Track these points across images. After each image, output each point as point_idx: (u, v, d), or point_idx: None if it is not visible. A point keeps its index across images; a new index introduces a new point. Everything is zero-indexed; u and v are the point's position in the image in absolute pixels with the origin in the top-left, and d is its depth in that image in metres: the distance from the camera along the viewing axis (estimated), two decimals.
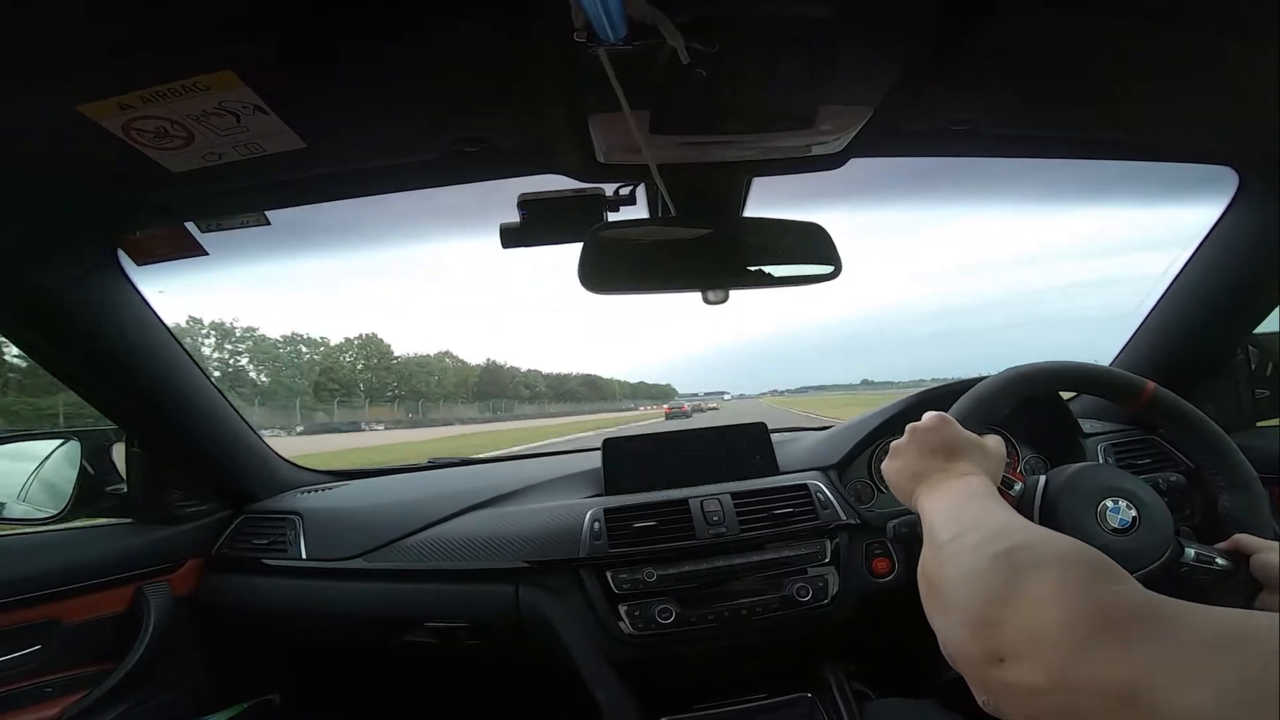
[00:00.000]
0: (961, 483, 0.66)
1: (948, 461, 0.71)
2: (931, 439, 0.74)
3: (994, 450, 0.76)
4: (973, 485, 0.65)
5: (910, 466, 0.74)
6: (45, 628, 1.13)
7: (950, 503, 0.63)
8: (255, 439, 1.49)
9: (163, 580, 1.29)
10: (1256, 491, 0.84)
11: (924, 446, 0.74)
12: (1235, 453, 0.86)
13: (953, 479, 0.68)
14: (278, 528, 1.37)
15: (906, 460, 0.75)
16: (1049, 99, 0.90)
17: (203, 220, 1.04)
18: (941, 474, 0.69)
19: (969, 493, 0.64)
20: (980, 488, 0.64)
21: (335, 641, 1.39)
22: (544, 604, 1.16)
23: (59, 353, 1.12)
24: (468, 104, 0.81)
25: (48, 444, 1.36)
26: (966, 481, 0.66)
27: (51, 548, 1.21)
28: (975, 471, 0.69)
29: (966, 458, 0.71)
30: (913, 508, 0.70)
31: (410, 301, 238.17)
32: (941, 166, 1.09)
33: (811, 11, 0.64)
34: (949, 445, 0.73)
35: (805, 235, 1.07)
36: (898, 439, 0.78)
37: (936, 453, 0.72)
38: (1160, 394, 0.87)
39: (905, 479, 0.73)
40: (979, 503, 0.61)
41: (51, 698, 1.13)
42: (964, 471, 0.69)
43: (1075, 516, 0.80)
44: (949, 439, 0.73)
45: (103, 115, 0.70)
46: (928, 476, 0.70)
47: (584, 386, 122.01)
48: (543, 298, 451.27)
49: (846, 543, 1.20)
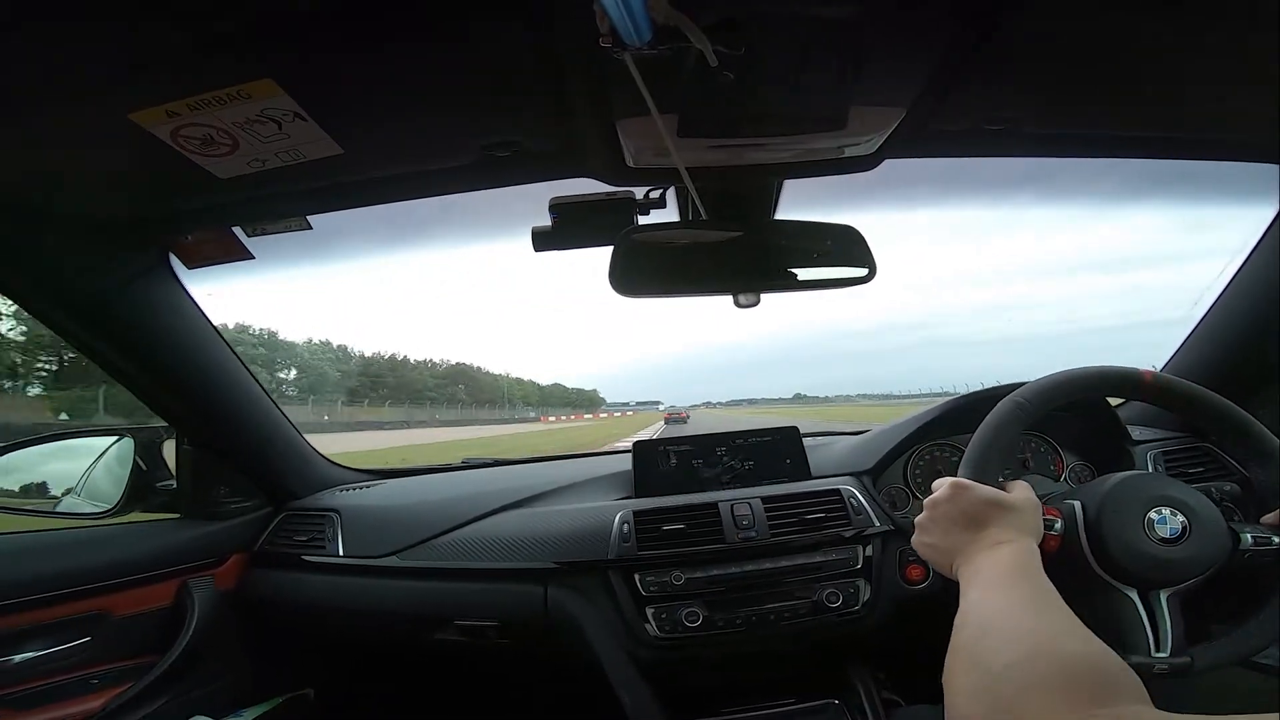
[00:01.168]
0: (994, 559, 0.65)
1: (976, 532, 0.70)
2: (952, 511, 0.73)
3: (1022, 502, 0.73)
4: (1003, 563, 0.64)
5: (941, 544, 0.73)
6: (95, 620, 1.17)
7: (979, 592, 0.63)
8: (297, 437, 1.53)
9: (208, 575, 1.33)
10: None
11: (947, 520, 0.73)
12: (1253, 424, 0.84)
13: (985, 551, 0.67)
14: (317, 525, 1.41)
15: (935, 538, 0.74)
16: (1085, 96, 0.88)
17: (248, 225, 1.08)
18: (974, 547, 0.68)
19: (998, 576, 0.63)
20: (1011, 565, 0.64)
21: (368, 638, 1.42)
22: (572, 605, 1.17)
23: (113, 353, 1.17)
24: (499, 109, 0.83)
25: (103, 440, 1.41)
26: (998, 557, 0.65)
27: (104, 542, 1.25)
28: (1008, 538, 0.68)
29: (995, 522, 0.70)
30: (955, 579, 0.69)
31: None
32: (951, 169, 1.06)
33: (837, 11, 0.64)
34: (971, 515, 0.71)
35: (839, 238, 1.06)
36: (922, 514, 0.77)
37: (962, 525, 0.71)
38: (1162, 378, 0.85)
39: (940, 556, 0.73)
40: (1005, 594, 0.61)
41: (97, 689, 1.16)
42: (996, 540, 0.68)
43: (1121, 530, 0.78)
44: (969, 508, 0.72)
45: (152, 123, 0.73)
46: (961, 551, 0.69)
47: (447, 381, 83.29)
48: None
49: (879, 549, 1.18)
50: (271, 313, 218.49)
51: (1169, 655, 0.74)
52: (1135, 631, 0.76)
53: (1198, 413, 0.87)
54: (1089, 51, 0.77)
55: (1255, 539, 0.78)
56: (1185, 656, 0.75)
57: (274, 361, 54.75)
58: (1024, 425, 0.83)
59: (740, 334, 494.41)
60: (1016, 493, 0.75)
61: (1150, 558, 0.77)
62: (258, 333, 55.02)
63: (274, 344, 56.90)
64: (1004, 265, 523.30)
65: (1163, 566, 0.77)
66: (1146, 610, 0.77)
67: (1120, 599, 0.77)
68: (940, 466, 1.33)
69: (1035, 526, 0.73)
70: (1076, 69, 0.80)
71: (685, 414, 44.51)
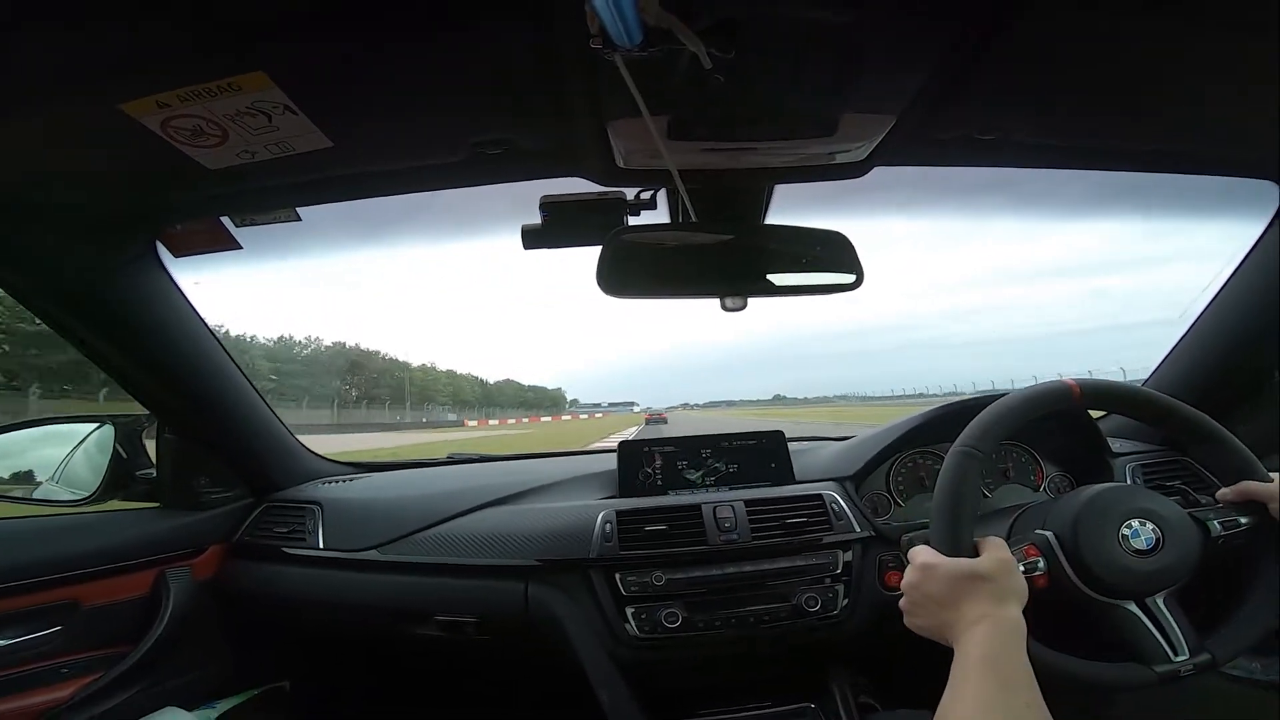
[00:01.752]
0: (971, 643, 0.66)
1: (955, 610, 0.70)
2: (928, 591, 0.74)
3: (994, 567, 0.72)
4: (977, 649, 0.65)
5: (929, 624, 0.74)
6: (67, 609, 1.16)
7: (953, 689, 0.64)
8: (281, 429, 1.53)
9: (185, 565, 1.32)
10: (1220, 436, 0.85)
11: (926, 600, 0.74)
12: (1182, 409, 0.87)
13: (966, 631, 0.67)
14: (298, 517, 1.40)
15: (922, 619, 0.75)
16: (1079, 109, 0.89)
17: (236, 215, 1.07)
18: (959, 626, 0.69)
19: (971, 665, 0.64)
20: (983, 653, 0.64)
21: (347, 631, 1.42)
22: (553, 602, 1.17)
23: (97, 339, 1.16)
24: (491, 107, 0.83)
25: (84, 427, 1.40)
26: (975, 639, 0.66)
27: (80, 530, 1.24)
28: (984, 612, 0.68)
29: (969, 597, 0.70)
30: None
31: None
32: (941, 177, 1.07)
33: (831, 17, 0.64)
34: (944, 593, 0.72)
35: (827, 244, 1.06)
36: (903, 599, 0.78)
37: (939, 604, 0.72)
38: (1087, 383, 0.87)
39: (934, 634, 0.73)
40: (971, 699, 0.62)
41: (67, 678, 1.15)
42: (974, 618, 0.68)
43: (1098, 550, 0.80)
44: (942, 587, 0.72)
45: (143, 114, 0.73)
46: (951, 628, 0.70)
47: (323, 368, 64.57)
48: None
49: (860, 555, 1.19)
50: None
51: (1189, 656, 0.75)
52: (1147, 641, 0.77)
53: (1129, 407, 0.91)
54: (1082, 64, 0.77)
55: (1223, 524, 0.81)
56: (1205, 654, 0.76)
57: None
58: (981, 469, 0.82)
59: (722, 334, 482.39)
60: (988, 555, 0.74)
61: (1132, 571, 0.78)
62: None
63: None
64: (982, 269, 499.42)
65: (1146, 577, 0.78)
66: (1149, 618, 0.78)
67: (1121, 613, 0.79)
68: (923, 474, 1.34)
69: (1012, 588, 0.71)
70: (1069, 81, 0.81)
71: (664, 415, 45.12)
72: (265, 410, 1.46)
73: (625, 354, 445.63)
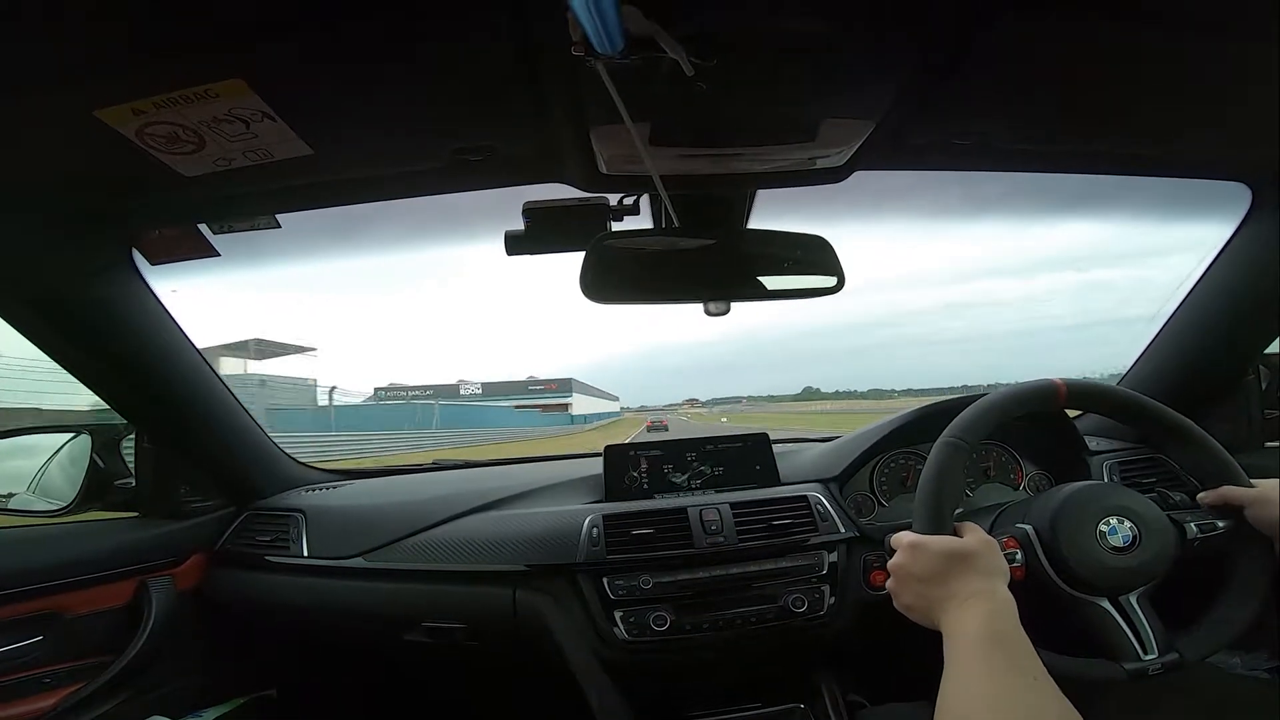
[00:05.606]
0: (967, 619, 0.67)
1: (944, 586, 0.72)
2: (915, 571, 0.75)
3: (978, 546, 0.74)
4: (977, 625, 0.66)
5: (915, 604, 0.75)
6: (47, 620, 1.14)
7: (958, 666, 0.64)
8: (262, 436, 1.51)
9: (166, 575, 1.31)
10: (1203, 441, 0.87)
11: (913, 580, 0.76)
12: (1160, 410, 0.89)
13: (958, 608, 0.69)
14: (281, 525, 1.38)
15: (908, 599, 0.77)
16: (1056, 113, 0.90)
17: (215, 222, 1.06)
18: (949, 603, 0.70)
19: (974, 644, 0.65)
20: (985, 630, 0.65)
21: (333, 639, 1.41)
22: (541, 607, 1.17)
23: (72, 348, 1.14)
24: (473, 113, 0.82)
25: (59, 437, 1.38)
26: (971, 615, 0.67)
27: (57, 540, 1.22)
28: (977, 588, 0.70)
29: (958, 573, 0.72)
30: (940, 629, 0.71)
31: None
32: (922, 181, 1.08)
33: (811, 25, 0.65)
34: (932, 570, 0.73)
35: (809, 247, 1.07)
36: (890, 580, 0.80)
37: (928, 582, 0.74)
38: (1072, 383, 0.90)
39: (919, 614, 0.75)
40: (983, 676, 0.62)
41: (49, 689, 1.14)
42: (966, 594, 0.70)
43: (1075, 546, 0.82)
44: (930, 564, 0.74)
45: (118, 120, 0.71)
46: (937, 606, 0.71)
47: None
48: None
49: (844, 555, 1.19)
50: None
51: (1158, 655, 0.77)
52: (1118, 638, 0.79)
53: (1114, 409, 0.93)
54: (1056, 70, 0.78)
55: (1200, 526, 0.83)
56: (1173, 653, 0.78)
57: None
58: (965, 460, 0.85)
59: (707, 333, 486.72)
60: (969, 537, 0.76)
61: (1108, 567, 0.80)
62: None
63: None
64: (968, 266, 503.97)
65: (1121, 574, 0.80)
66: (1122, 615, 0.80)
67: (1094, 609, 0.80)
68: (905, 474, 1.36)
69: (998, 565, 0.74)
70: (1043, 86, 0.82)
71: (665, 421, 45.49)
72: (245, 418, 1.44)
73: (628, 354, 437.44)
